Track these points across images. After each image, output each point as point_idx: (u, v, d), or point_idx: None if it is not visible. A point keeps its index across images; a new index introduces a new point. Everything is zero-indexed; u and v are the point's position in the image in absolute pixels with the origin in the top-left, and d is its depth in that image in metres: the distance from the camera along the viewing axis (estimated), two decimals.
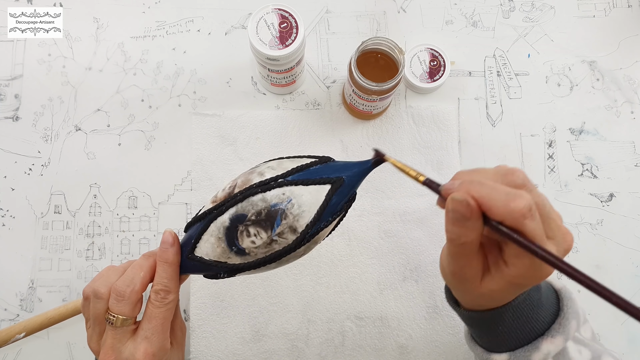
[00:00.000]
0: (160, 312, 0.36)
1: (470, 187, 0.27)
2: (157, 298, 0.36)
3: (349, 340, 0.53)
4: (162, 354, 0.36)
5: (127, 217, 0.55)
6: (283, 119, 0.57)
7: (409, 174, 0.32)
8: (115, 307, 0.35)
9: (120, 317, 0.35)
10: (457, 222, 0.28)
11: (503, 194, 0.26)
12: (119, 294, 0.35)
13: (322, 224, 0.33)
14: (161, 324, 0.36)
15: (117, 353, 0.35)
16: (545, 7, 0.61)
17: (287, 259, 0.34)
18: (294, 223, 0.33)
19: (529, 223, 0.26)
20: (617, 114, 0.58)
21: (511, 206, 0.26)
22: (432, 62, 0.56)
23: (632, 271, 0.55)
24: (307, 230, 0.33)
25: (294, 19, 0.48)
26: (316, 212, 0.33)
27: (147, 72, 0.58)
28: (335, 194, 0.33)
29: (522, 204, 0.26)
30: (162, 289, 0.36)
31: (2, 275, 0.53)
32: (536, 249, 0.25)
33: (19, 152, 0.56)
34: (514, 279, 0.28)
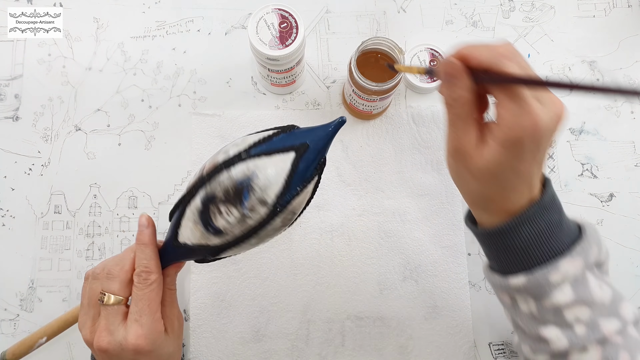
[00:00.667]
0: (145, 294, 0.36)
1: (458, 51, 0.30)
2: (139, 280, 0.37)
3: (349, 340, 0.53)
4: (154, 336, 0.36)
5: (127, 217, 0.55)
6: (283, 119, 0.57)
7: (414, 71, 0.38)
8: (106, 285, 0.37)
9: (112, 296, 0.36)
10: (449, 84, 0.30)
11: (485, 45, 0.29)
12: (110, 272, 0.37)
13: (293, 193, 0.33)
14: (148, 305, 0.36)
15: (110, 335, 0.36)
16: (545, 7, 0.61)
17: (266, 233, 0.34)
18: (262, 195, 0.32)
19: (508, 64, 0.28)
20: (617, 114, 0.58)
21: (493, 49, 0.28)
22: (432, 62, 0.56)
23: (632, 271, 0.55)
24: (278, 200, 0.33)
25: (294, 19, 0.48)
26: (284, 182, 0.32)
27: (147, 72, 0.58)
28: (301, 160, 0.33)
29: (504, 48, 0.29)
30: (143, 270, 0.37)
31: (2, 275, 0.53)
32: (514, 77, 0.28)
33: (19, 152, 0.56)
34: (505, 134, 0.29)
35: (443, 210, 0.55)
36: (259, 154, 0.33)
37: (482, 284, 0.54)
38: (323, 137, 0.34)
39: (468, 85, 0.30)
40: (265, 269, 0.54)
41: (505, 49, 0.29)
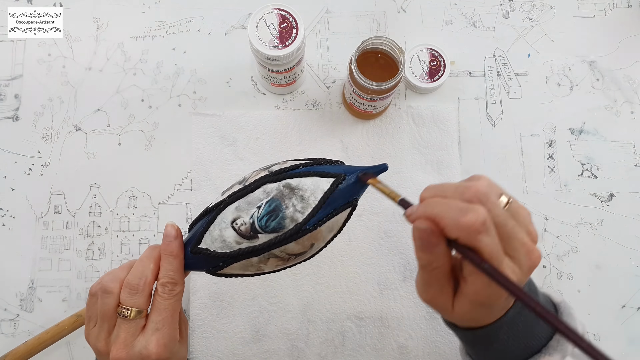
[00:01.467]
0: (170, 304, 0.36)
1: (428, 207, 0.27)
2: (164, 290, 0.36)
3: (349, 340, 0.53)
4: (173, 344, 0.36)
5: (127, 217, 0.55)
6: (283, 119, 0.57)
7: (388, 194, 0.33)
8: (129, 300, 0.36)
9: (134, 309, 0.35)
10: (425, 249, 0.27)
11: (455, 210, 0.26)
12: (132, 287, 0.36)
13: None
14: (171, 316, 0.36)
15: (129, 348, 0.35)
16: (545, 7, 0.61)
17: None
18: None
19: (483, 238, 0.25)
20: (617, 114, 0.58)
21: (461, 221, 0.25)
22: (432, 62, 0.56)
23: (632, 271, 0.55)
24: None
25: (294, 19, 0.48)
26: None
27: (147, 72, 0.58)
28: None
29: (473, 219, 0.25)
30: (169, 282, 0.36)
31: (2, 275, 0.53)
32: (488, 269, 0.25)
33: (19, 152, 0.56)
34: (474, 297, 0.28)
35: None
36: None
37: None
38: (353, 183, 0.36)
39: (445, 252, 0.27)
40: None
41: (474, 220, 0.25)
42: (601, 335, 0.54)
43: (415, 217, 0.27)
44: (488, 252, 0.25)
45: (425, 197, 0.29)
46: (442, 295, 0.29)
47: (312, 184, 0.34)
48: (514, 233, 0.27)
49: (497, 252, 0.26)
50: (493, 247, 0.26)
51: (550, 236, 0.56)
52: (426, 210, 0.27)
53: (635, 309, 0.55)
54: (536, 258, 0.28)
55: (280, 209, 0.34)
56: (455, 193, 0.27)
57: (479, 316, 0.31)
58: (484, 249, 0.25)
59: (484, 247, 0.25)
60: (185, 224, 0.55)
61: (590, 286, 0.55)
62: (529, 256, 0.28)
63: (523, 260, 0.27)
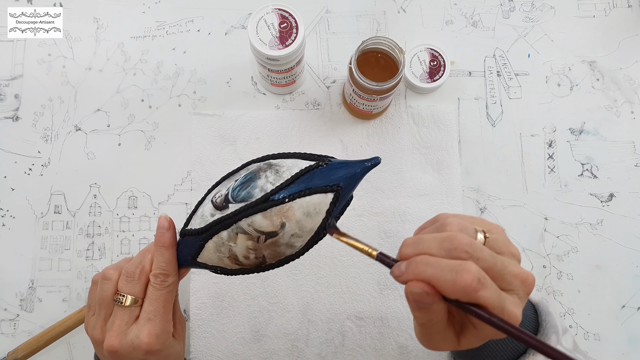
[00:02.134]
0: (161, 295, 0.36)
1: (417, 269, 0.27)
2: (156, 281, 0.36)
3: (349, 340, 0.53)
4: (165, 336, 0.37)
5: (127, 217, 0.55)
6: (283, 119, 0.57)
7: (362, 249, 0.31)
8: (126, 287, 0.36)
9: (129, 297, 0.36)
10: (422, 310, 0.28)
11: (449, 272, 0.26)
12: (129, 275, 0.37)
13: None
14: (163, 306, 0.37)
15: (122, 336, 0.36)
16: (545, 7, 0.61)
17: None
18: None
19: (482, 294, 0.26)
20: (617, 114, 0.58)
21: (460, 284, 0.25)
22: (432, 62, 0.56)
23: (632, 271, 0.55)
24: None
25: (294, 19, 0.48)
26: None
27: (147, 72, 0.58)
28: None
29: (469, 279, 0.25)
30: (161, 272, 0.37)
31: (2, 275, 0.53)
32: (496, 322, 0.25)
33: (19, 152, 0.56)
34: (484, 337, 0.29)
35: (443, 210, 0.55)
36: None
37: None
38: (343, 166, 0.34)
39: (443, 307, 0.28)
40: None
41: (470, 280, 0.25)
42: (601, 335, 0.54)
43: (406, 279, 0.28)
44: (490, 305, 0.26)
45: (408, 254, 0.29)
46: (445, 342, 0.30)
47: (291, 163, 0.34)
48: (504, 269, 0.28)
49: (498, 299, 0.27)
50: (494, 298, 0.26)
51: (550, 236, 0.56)
52: (417, 272, 0.27)
53: (635, 309, 0.55)
54: (531, 283, 0.29)
55: (253, 180, 0.33)
56: (440, 250, 0.28)
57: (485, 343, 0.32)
58: (486, 303, 0.26)
59: (485, 301, 0.26)
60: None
61: (590, 286, 0.55)
62: (524, 284, 0.29)
63: (520, 290, 0.28)
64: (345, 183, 0.33)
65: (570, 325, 0.54)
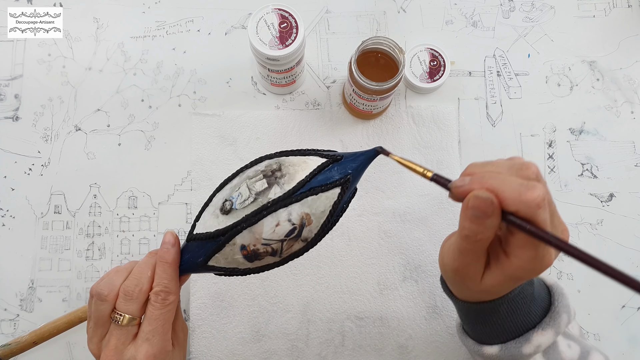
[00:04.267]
0: (161, 314, 0.36)
1: (483, 179, 0.27)
2: (157, 299, 0.35)
3: (349, 340, 0.53)
4: (163, 355, 0.36)
5: (127, 217, 0.55)
6: (283, 119, 0.57)
7: (416, 170, 0.32)
8: (124, 306, 0.35)
9: (127, 316, 0.35)
10: (477, 220, 0.27)
11: (517, 185, 0.26)
12: (128, 294, 0.35)
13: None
14: (162, 326, 0.36)
15: (118, 355, 0.35)
16: (545, 7, 0.61)
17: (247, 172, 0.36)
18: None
19: (541, 213, 0.26)
20: (617, 114, 0.58)
21: (527, 196, 0.26)
22: (432, 62, 0.56)
23: (632, 271, 0.55)
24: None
25: (294, 19, 0.48)
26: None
27: (147, 72, 0.58)
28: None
29: (536, 194, 0.26)
30: (163, 290, 0.36)
31: (2, 275, 0.53)
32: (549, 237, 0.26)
33: (19, 152, 0.56)
34: (514, 271, 0.29)
35: (443, 210, 0.55)
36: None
37: None
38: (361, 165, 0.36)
39: (497, 226, 0.28)
40: None
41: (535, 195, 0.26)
42: (601, 335, 0.54)
43: (470, 188, 0.28)
44: (543, 226, 0.27)
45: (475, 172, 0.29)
46: (475, 265, 0.30)
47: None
48: (556, 211, 0.29)
49: (552, 225, 0.28)
50: (548, 222, 0.27)
51: None
52: (483, 182, 0.27)
53: (635, 309, 0.55)
54: (567, 236, 0.30)
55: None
56: (511, 170, 0.29)
57: (503, 290, 0.31)
58: (541, 223, 0.26)
59: (541, 221, 0.26)
60: (185, 224, 0.55)
61: (590, 286, 0.55)
62: (564, 233, 0.30)
63: (560, 236, 0.29)
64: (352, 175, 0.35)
65: None
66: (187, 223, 0.55)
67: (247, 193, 0.35)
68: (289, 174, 0.35)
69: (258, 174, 0.35)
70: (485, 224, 0.27)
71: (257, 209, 0.33)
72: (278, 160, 0.35)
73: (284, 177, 0.35)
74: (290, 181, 0.34)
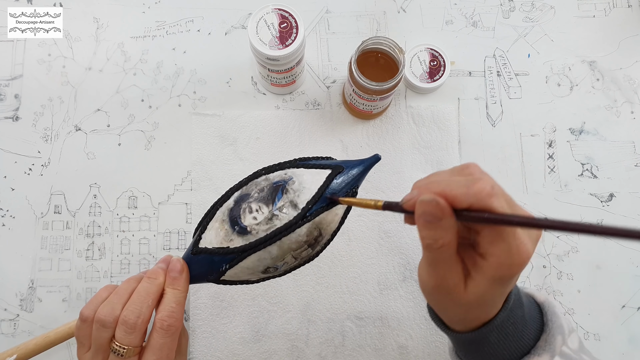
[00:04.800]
0: (166, 342, 0.35)
1: (429, 187, 0.27)
2: (163, 326, 0.35)
3: (349, 340, 0.53)
4: None
5: (127, 217, 0.55)
6: (283, 119, 0.57)
7: (367, 205, 0.32)
8: (126, 339, 0.34)
9: (129, 348, 0.34)
10: (430, 225, 0.27)
11: (463, 182, 0.26)
12: (130, 326, 0.34)
13: (322, 205, 0.34)
14: (167, 355, 0.35)
15: None
16: (545, 7, 0.61)
17: (289, 242, 0.34)
18: (294, 198, 0.34)
19: (495, 200, 0.26)
20: (617, 114, 0.58)
21: (475, 187, 0.26)
22: (432, 62, 0.56)
23: (632, 271, 0.55)
24: (308, 207, 0.33)
25: (294, 19, 0.48)
26: (317, 191, 0.34)
27: (147, 72, 0.58)
28: (335, 177, 0.35)
29: (484, 184, 0.26)
30: (169, 316, 0.35)
31: (2, 275, 0.53)
32: (510, 218, 0.25)
33: (19, 152, 0.56)
34: (495, 271, 0.28)
35: None
36: (297, 164, 0.36)
37: None
38: (358, 165, 0.36)
39: (455, 227, 0.27)
40: None
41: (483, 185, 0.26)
42: (601, 335, 0.54)
43: (417, 197, 0.27)
44: (501, 212, 0.26)
45: (420, 186, 0.29)
46: (452, 274, 0.29)
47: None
48: (515, 204, 0.28)
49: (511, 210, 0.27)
50: (506, 207, 0.26)
51: (550, 236, 0.56)
52: (430, 189, 0.27)
53: (635, 309, 0.55)
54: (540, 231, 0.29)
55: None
56: (453, 173, 0.28)
57: (492, 298, 0.30)
58: (498, 209, 0.26)
59: (498, 207, 0.26)
60: (185, 224, 0.55)
61: (590, 286, 0.55)
62: None
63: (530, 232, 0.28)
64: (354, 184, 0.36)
65: None
66: (187, 223, 0.55)
67: (293, 261, 0.36)
68: (327, 234, 0.36)
69: (302, 245, 0.35)
70: (440, 226, 0.27)
71: None
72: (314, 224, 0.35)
73: (323, 238, 0.36)
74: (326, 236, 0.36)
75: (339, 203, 0.34)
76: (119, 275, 0.54)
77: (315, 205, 0.34)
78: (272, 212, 0.33)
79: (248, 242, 0.34)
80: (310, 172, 0.35)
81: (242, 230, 0.34)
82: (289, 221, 0.33)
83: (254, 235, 0.34)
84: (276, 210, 0.33)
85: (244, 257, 0.34)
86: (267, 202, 0.34)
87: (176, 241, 0.55)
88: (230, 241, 0.34)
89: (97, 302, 0.36)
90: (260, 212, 0.34)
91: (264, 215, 0.34)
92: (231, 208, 0.35)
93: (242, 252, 0.34)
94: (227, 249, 0.34)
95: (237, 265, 0.35)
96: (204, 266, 0.36)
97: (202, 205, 0.55)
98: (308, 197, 0.34)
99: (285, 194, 0.34)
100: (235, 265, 0.35)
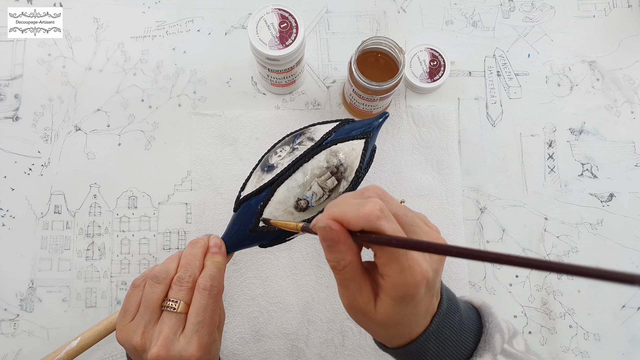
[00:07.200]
0: (209, 304, 0.36)
1: (329, 211, 0.29)
2: (206, 287, 0.36)
3: (349, 340, 0.53)
4: (211, 346, 0.36)
5: (127, 217, 0.55)
6: (283, 119, 0.57)
7: (289, 227, 0.35)
8: (178, 293, 0.36)
9: (182, 302, 0.36)
10: (331, 248, 0.29)
11: (355, 205, 0.28)
12: (181, 281, 0.37)
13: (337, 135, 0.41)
14: (210, 317, 0.36)
15: (169, 346, 0.35)
16: (545, 7, 0.61)
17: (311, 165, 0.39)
18: (312, 135, 0.41)
19: (384, 224, 0.27)
20: (617, 114, 0.58)
21: (362, 211, 0.27)
22: (432, 62, 0.56)
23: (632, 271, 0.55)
24: (324, 137, 0.40)
25: (294, 19, 0.48)
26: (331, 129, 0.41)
27: (147, 72, 0.58)
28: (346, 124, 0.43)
29: (371, 207, 0.27)
30: (211, 279, 0.37)
31: (2, 275, 0.53)
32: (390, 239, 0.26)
33: (19, 152, 0.56)
34: (393, 291, 0.28)
35: (443, 210, 0.55)
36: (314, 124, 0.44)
37: (482, 284, 0.54)
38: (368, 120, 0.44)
39: (351, 248, 0.29)
40: (265, 269, 0.54)
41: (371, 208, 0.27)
42: (601, 335, 0.54)
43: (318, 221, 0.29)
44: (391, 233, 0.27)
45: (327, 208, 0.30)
46: (361, 294, 0.30)
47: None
48: (414, 222, 0.30)
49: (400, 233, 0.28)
50: (396, 231, 0.27)
51: (550, 236, 0.56)
52: (329, 213, 0.28)
53: (635, 309, 0.55)
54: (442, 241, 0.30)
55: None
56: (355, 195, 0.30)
57: (399, 317, 0.30)
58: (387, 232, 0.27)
59: (387, 230, 0.27)
60: (185, 224, 0.55)
61: (590, 286, 0.55)
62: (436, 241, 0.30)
63: None
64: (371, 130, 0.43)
65: (570, 325, 0.54)
66: (187, 223, 0.55)
67: (321, 192, 0.39)
68: (349, 166, 0.40)
69: (324, 172, 0.39)
70: (338, 250, 0.28)
71: None
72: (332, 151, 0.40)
73: (346, 171, 0.40)
74: (351, 172, 0.40)
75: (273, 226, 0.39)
76: (119, 275, 0.54)
77: (330, 137, 0.40)
78: (292, 147, 0.40)
79: (274, 175, 0.39)
80: (324, 125, 0.43)
81: (270, 167, 0.40)
82: (307, 149, 0.39)
83: (279, 168, 0.39)
84: (296, 144, 0.40)
85: (275, 190, 0.39)
86: (289, 143, 0.41)
87: (176, 241, 0.55)
88: (262, 181, 0.39)
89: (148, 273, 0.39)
90: (283, 150, 0.41)
91: (285, 151, 0.40)
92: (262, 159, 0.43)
93: (272, 183, 0.38)
94: (260, 187, 0.39)
95: (271, 200, 0.39)
96: (244, 216, 0.40)
97: (202, 205, 0.55)
98: (323, 133, 0.41)
99: (303, 135, 0.41)
100: (269, 201, 0.39)
